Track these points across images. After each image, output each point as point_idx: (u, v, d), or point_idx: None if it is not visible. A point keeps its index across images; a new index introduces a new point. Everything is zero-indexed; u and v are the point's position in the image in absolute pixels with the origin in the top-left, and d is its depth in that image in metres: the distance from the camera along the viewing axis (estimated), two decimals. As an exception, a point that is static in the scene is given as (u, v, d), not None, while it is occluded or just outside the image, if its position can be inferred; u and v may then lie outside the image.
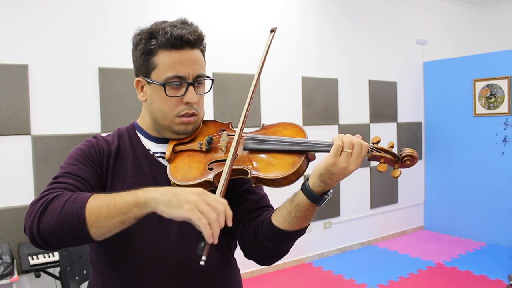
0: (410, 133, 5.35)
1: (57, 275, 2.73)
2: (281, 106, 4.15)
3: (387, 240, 5.14)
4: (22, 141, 2.93)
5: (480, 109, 4.93)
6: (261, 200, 1.13)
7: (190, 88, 1.04)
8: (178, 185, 1.02)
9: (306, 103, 4.36)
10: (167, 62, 1.02)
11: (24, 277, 2.88)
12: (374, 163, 4.90)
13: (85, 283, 2.45)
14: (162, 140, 1.12)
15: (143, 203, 0.85)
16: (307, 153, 0.99)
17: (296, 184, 1.01)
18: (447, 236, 5.22)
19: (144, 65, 1.05)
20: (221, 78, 3.75)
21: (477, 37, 6.09)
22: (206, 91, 1.11)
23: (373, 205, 5.03)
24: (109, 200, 0.87)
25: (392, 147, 0.95)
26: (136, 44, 1.06)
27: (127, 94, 3.24)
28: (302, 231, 1.02)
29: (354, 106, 4.77)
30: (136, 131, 1.15)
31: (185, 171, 1.04)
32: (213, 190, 0.92)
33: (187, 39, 1.01)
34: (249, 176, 0.98)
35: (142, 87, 1.09)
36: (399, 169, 0.94)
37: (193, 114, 1.07)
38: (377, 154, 0.95)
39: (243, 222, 1.09)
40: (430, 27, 5.57)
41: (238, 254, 1.18)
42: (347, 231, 4.78)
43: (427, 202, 5.57)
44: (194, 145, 1.09)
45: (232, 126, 1.13)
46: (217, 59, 3.68)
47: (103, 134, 1.15)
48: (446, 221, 5.32)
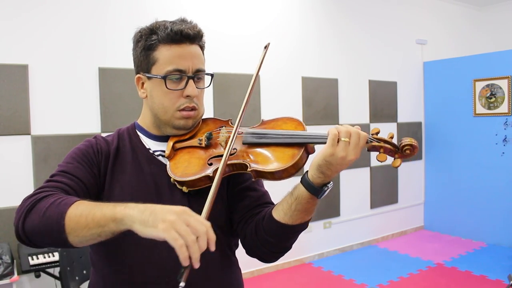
0: (410, 133, 5.34)
1: (57, 275, 2.72)
2: (281, 106, 4.15)
3: (387, 240, 5.14)
4: (22, 141, 2.93)
5: (480, 109, 4.93)
6: (262, 197, 1.13)
7: (190, 82, 1.05)
8: (178, 181, 1.03)
9: (306, 103, 4.36)
10: (167, 56, 1.04)
11: (24, 277, 2.88)
12: (375, 162, 4.91)
13: (85, 283, 2.44)
14: (163, 138, 1.12)
15: (120, 220, 0.81)
16: (307, 146, 0.99)
17: (297, 179, 1.00)
18: (447, 236, 5.22)
19: (145, 61, 1.07)
20: (221, 78, 3.74)
21: (477, 37, 6.09)
22: (206, 86, 1.13)
23: (373, 205, 5.03)
24: (89, 210, 0.84)
25: (392, 138, 0.94)
26: (137, 41, 1.08)
27: (127, 94, 3.24)
28: (304, 225, 1.01)
29: (354, 106, 4.77)
30: (137, 131, 1.16)
31: (185, 167, 1.04)
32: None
33: (187, 33, 1.04)
34: (249, 170, 0.98)
35: (143, 84, 1.11)
36: (399, 159, 0.94)
37: (194, 108, 1.08)
38: (377, 144, 0.94)
39: (244, 219, 1.09)
40: (430, 27, 5.57)
41: (238, 254, 1.18)
42: (347, 231, 4.78)
43: (427, 202, 5.57)
44: (194, 142, 1.09)
45: (232, 123, 1.14)
46: (217, 59, 3.68)
47: (104, 134, 1.16)
48: (446, 221, 5.32)
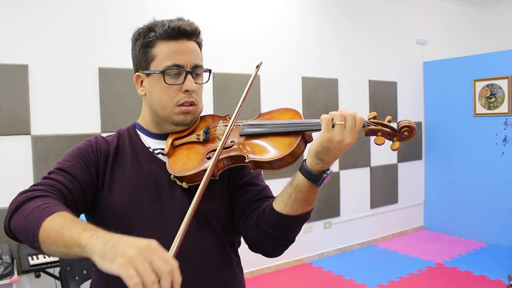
0: (410, 133, 5.34)
1: (57, 275, 2.73)
2: (281, 106, 4.13)
3: (387, 240, 5.14)
4: (22, 141, 2.93)
5: (480, 109, 4.93)
6: (263, 191, 1.12)
7: (189, 76, 1.06)
8: (177, 177, 1.03)
9: (306, 103, 4.36)
10: (166, 52, 1.05)
11: (24, 277, 2.88)
12: (374, 162, 4.91)
13: (85, 283, 2.45)
14: (162, 137, 1.13)
15: (83, 246, 0.77)
16: (304, 134, 0.98)
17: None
18: (447, 236, 5.22)
19: (144, 58, 1.08)
20: (221, 78, 3.74)
21: (477, 37, 6.08)
22: (205, 82, 1.14)
23: (373, 205, 5.03)
24: (61, 227, 0.82)
25: (390, 122, 0.94)
26: (136, 40, 1.10)
27: (127, 94, 3.24)
28: (305, 216, 1.00)
29: (354, 106, 4.77)
30: (137, 130, 1.16)
31: (184, 163, 1.05)
32: (210, 181, 0.92)
33: (184, 29, 1.05)
34: (247, 161, 0.98)
35: (142, 82, 1.12)
36: (398, 142, 0.93)
37: (192, 104, 1.08)
38: (374, 128, 0.93)
39: (245, 214, 1.08)
40: (430, 27, 5.56)
41: (239, 254, 1.18)
42: (347, 231, 4.78)
43: (427, 202, 5.57)
44: (192, 137, 1.10)
45: (229, 118, 1.13)
46: (217, 59, 3.68)
47: (104, 135, 1.16)
48: (446, 221, 5.32)
